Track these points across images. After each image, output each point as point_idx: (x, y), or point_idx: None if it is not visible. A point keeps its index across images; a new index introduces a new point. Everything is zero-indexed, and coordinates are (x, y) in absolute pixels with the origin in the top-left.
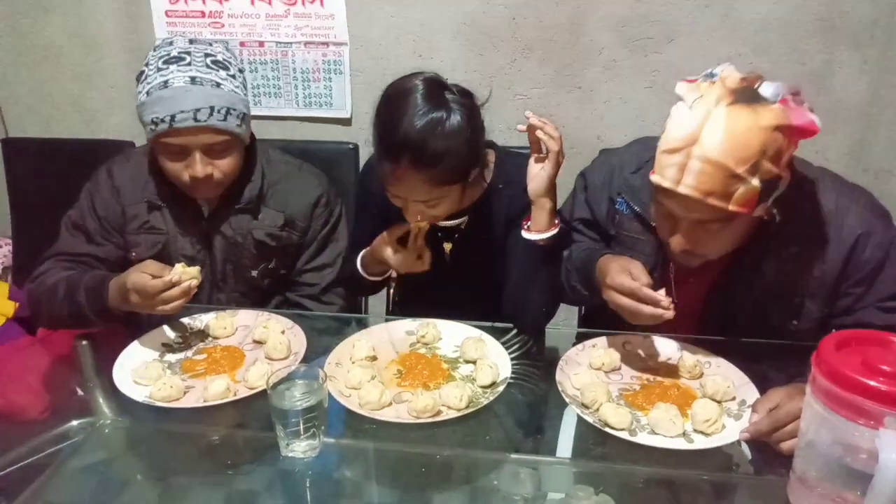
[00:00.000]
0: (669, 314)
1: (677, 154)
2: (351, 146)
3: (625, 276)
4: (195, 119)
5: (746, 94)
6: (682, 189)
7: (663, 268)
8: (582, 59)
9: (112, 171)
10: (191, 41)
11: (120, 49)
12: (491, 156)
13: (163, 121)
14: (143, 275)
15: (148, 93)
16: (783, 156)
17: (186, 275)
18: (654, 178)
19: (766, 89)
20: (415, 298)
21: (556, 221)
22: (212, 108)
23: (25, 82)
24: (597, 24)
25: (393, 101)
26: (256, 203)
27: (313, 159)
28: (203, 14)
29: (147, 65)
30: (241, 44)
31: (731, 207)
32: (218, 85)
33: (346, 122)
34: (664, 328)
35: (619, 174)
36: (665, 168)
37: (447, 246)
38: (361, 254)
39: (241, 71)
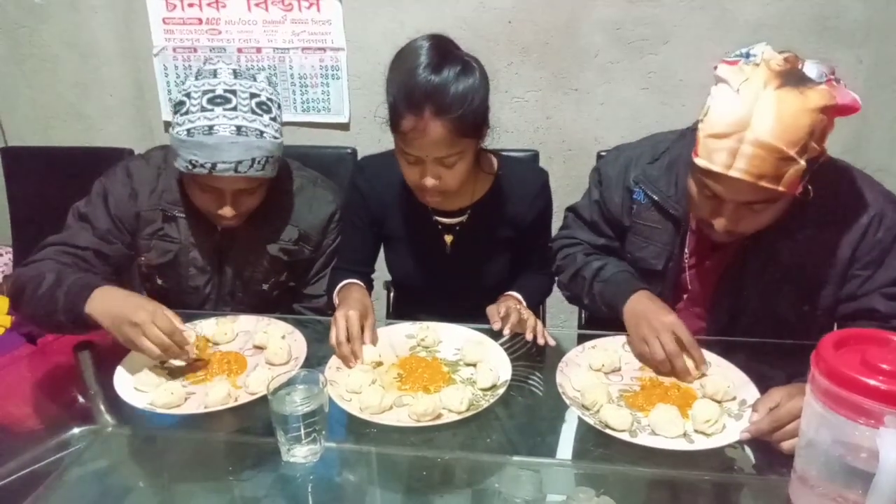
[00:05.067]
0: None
1: (727, 139)
2: (349, 150)
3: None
4: (235, 171)
5: (793, 76)
6: (733, 173)
7: (679, 255)
8: (578, 61)
9: (131, 172)
10: (235, 73)
11: (117, 57)
12: (494, 162)
13: (202, 166)
14: (167, 315)
15: (189, 132)
16: (826, 134)
17: (201, 345)
18: (701, 161)
19: (809, 69)
20: (415, 295)
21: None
22: (253, 160)
23: (24, 91)
24: (592, 27)
25: (409, 58)
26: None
27: (312, 164)
28: (200, 21)
29: (189, 96)
30: (239, 50)
31: (781, 188)
32: (261, 134)
33: (344, 126)
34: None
35: (635, 165)
36: (714, 152)
37: (448, 238)
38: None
39: (279, 107)
